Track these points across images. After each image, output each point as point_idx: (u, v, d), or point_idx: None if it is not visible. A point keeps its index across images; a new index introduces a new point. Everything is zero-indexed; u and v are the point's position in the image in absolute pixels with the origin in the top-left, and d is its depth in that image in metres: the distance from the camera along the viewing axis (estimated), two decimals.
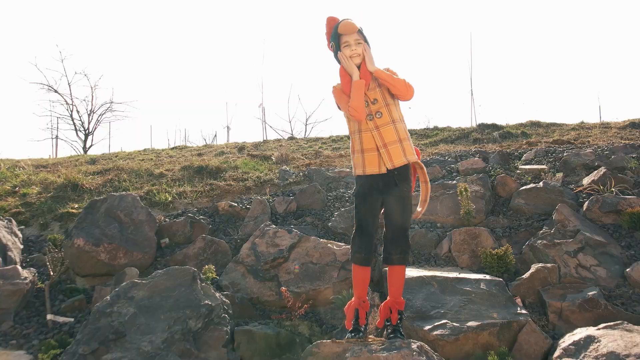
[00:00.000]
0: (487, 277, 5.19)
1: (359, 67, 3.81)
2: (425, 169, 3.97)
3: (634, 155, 7.86)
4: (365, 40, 3.82)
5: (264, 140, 15.15)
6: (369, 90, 3.81)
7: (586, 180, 7.07)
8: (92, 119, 24.54)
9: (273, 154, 10.87)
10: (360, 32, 3.81)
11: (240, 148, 12.89)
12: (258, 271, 5.69)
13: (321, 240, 5.95)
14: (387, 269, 3.95)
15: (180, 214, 7.36)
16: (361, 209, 3.84)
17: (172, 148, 14.95)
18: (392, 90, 3.80)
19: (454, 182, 7.20)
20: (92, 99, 24.73)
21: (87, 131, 24.26)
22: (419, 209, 4.00)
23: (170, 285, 4.86)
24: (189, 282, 4.88)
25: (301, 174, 8.78)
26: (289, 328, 5.06)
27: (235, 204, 7.47)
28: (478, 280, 5.07)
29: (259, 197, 7.54)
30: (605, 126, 12.30)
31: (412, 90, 3.83)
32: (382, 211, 3.88)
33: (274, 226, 6.22)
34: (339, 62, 3.83)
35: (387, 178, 3.75)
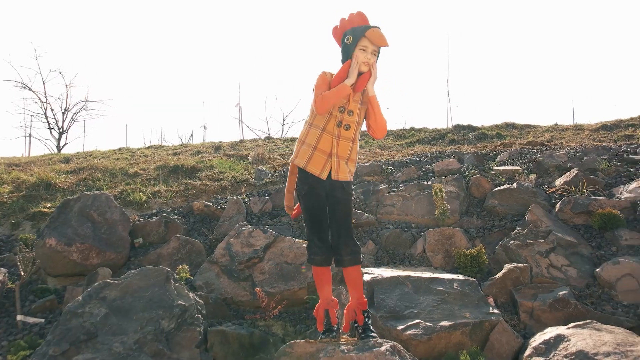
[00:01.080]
0: (461, 277, 5.23)
1: (359, 75, 3.77)
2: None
3: (605, 157, 7.98)
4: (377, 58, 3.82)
5: (240, 140, 15.10)
6: (352, 101, 3.78)
7: (559, 182, 7.16)
8: (66, 117, 24.34)
9: (249, 154, 10.84)
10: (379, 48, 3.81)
11: (217, 148, 12.84)
12: (232, 271, 5.67)
13: (296, 240, 5.94)
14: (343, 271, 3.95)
15: (155, 214, 7.31)
16: (312, 209, 3.81)
17: (148, 147, 14.84)
18: (372, 121, 3.79)
19: (429, 182, 7.24)
20: (67, 97, 24.54)
21: (61, 130, 24.03)
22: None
23: (144, 286, 4.82)
24: (163, 282, 4.84)
25: (277, 173, 8.77)
26: (262, 328, 5.05)
27: (211, 204, 7.44)
28: (451, 280, 5.10)
29: (234, 197, 7.51)
30: (578, 128, 12.46)
31: (386, 132, 3.87)
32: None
33: (249, 226, 6.20)
34: (345, 56, 3.77)
35: (331, 183, 3.75)
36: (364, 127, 3.95)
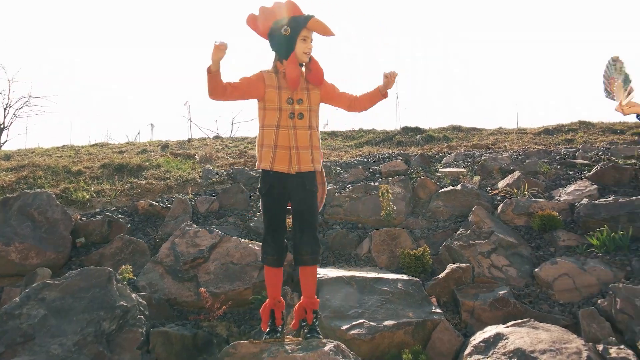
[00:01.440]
0: (405, 277, 5.30)
1: (306, 65, 3.76)
2: (323, 171, 4.02)
3: (546, 160, 8.21)
4: None
5: (188, 139, 14.94)
6: (299, 90, 3.77)
7: (502, 184, 7.33)
8: (8, 113, 23.60)
9: (197, 153, 10.74)
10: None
11: (164, 146, 12.68)
12: (177, 271, 5.61)
13: (242, 240, 5.92)
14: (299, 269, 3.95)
15: (98, 213, 7.16)
16: (271, 209, 3.80)
17: (93, 145, 14.53)
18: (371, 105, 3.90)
19: (376, 183, 7.32)
20: (9, 92, 23.80)
21: (2, 126, 23.28)
22: None
23: (84, 286, 4.72)
24: (104, 283, 4.75)
25: (225, 173, 8.71)
26: (206, 329, 5.01)
27: (156, 203, 7.34)
28: (396, 280, 5.17)
29: (180, 197, 7.43)
30: (521, 132, 12.79)
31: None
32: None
33: (195, 226, 6.15)
34: (285, 48, 3.70)
35: (295, 179, 3.75)
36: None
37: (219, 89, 3.61)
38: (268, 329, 3.92)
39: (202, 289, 5.17)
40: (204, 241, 5.85)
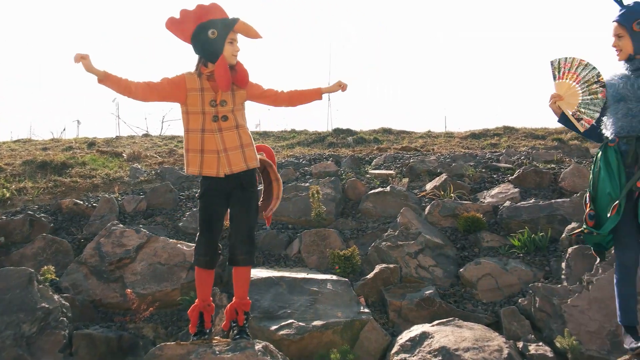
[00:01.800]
0: (334, 277, 5.35)
1: (232, 67, 3.72)
2: (275, 166, 4.02)
3: (472, 164, 8.45)
4: None
5: (116, 137, 14.54)
6: (221, 93, 3.74)
7: (429, 186, 7.50)
8: None
9: (125, 151, 10.49)
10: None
11: (91, 144, 12.31)
12: (102, 272, 5.47)
13: (171, 240, 5.83)
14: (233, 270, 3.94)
15: (19, 212, 6.89)
16: (206, 211, 3.78)
17: (15, 141, 13.95)
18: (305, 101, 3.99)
19: (307, 184, 7.35)
20: None
21: None
22: (271, 207, 4.04)
23: (3, 287, 4.54)
24: (25, 284, 4.59)
25: (153, 172, 8.55)
26: (132, 331, 4.92)
27: (81, 202, 7.13)
28: (325, 281, 5.21)
29: (106, 195, 7.25)
30: (449, 136, 13.09)
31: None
32: (228, 213, 3.87)
33: (122, 225, 6.01)
34: (211, 51, 3.66)
35: (232, 181, 3.74)
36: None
37: (121, 91, 3.58)
38: (196, 331, 3.88)
39: (129, 289, 5.07)
40: (130, 241, 5.72)
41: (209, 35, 3.63)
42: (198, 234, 3.82)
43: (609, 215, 3.61)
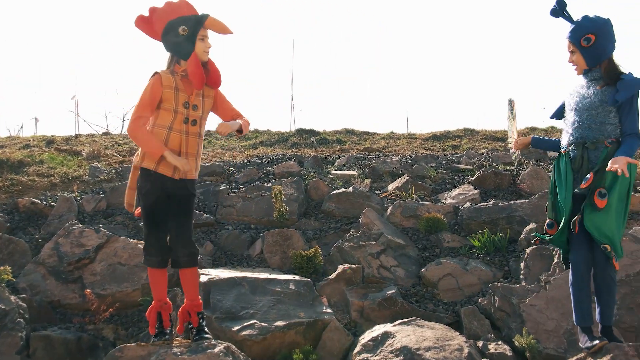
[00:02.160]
0: (297, 277, 5.34)
1: (204, 65, 3.71)
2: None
3: (433, 165, 8.55)
4: None
5: (76, 135, 14.28)
6: (194, 95, 3.74)
7: (391, 187, 7.56)
8: None
9: (84, 150, 10.30)
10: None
11: (49, 142, 12.06)
12: (61, 272, 5.37)
13: (131, 240, 5.75)
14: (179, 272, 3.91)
15: None
16: (151, 209, 3.72)
17: None
18: (245, 132, 3.88)
19: (270, 184, 7.33)
20: None
21: None
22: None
23: None
24: None
25: (114, 171, 8.42)
26: (92, 332, 4.84)
27: (39, 201, 6.98)
28: (288, 281, 5.20)
29: (65, 194, 7.11)
30: (411, 137, 13.22)
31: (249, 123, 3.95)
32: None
33: (81, 225, 5.91)
34: (183, 49, 3.64)
35: (176, 181, 3.71)
36: None
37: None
38: (156, 332, 3.85)
39: (88, 290, 4.98)
40: (90, 241, 5.63)
41: (180, 33, 3.61)
42: (145, 233, 3.78)
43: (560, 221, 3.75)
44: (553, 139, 4.13)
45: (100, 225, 6.28)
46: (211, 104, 3.84)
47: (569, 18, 3.83)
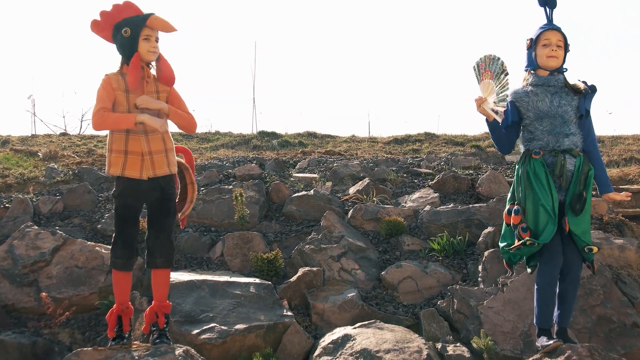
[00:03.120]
0: (257, 280, 5.32)
1: (149, 65, 3.72)
2: (191, 170, 4.00)
3: (394, 169, 8.63)
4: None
5: (32, 135, 13.98)
6: (146, 93, 3.71)
7: (352, 190, 7.60)
8: None
9: (40, 150, 10.09)
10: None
11: (4, 142, 11.80)
12: (15, 276, 5.24)
13: (89, 242, 5.65)
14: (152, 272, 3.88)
15: None
16: (123, 212, 3.71)
17: None
18: (180, 126, 3.78)
19: (231, 187, 7.29)
20: None
21: None
22: (184, 209, 4.03)
23: None
24: None
25: (71, 172, 8.26)
26: (47, 337, 4.74)
27: None
28: (248, 284, 5.17)
29: (20, 196, 6.95)
30: (373, 141, 13.32)
31: (196, 125, 3.87)
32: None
33: (36, 227, 5.78)
34: (127, 50, 3.63)
35: (151, 182, 3.69)
36: None
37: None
38: (114, 336, 3.79)
39: (44, 294, 4.88)
40: (46, 243, 5.51)
41: (122, 34, 3.62)
42: (115, 235, 3.74)
43: (543, 226, 3.72)
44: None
45: (57, 228, 6.15)
46: (166, 99, 3.81)
47: (551, 15, 3.91)
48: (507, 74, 3.92)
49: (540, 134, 3.84)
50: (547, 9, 3.92)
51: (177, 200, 4.08)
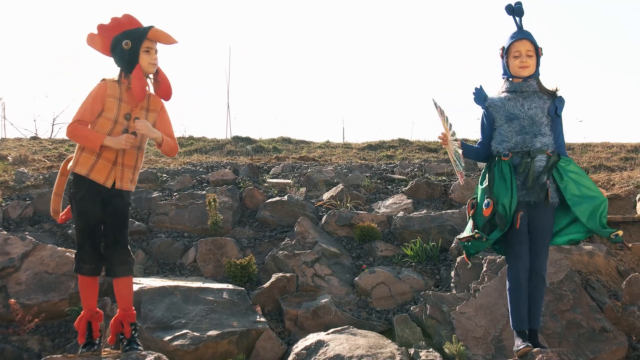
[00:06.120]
0: (230, 286, 5.30)
1: (155, 78, 3.78)
2: None
3: (367, 175, 8.66)
4: None
5: (2, 139, 13.75)
6: (138, 108, 3.75)
7: (326, 196, 7.60)
8: None
9: (10, 154, 9.93)
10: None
11: None
12: None
13: (59, 248, 5.57)
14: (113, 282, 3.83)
15: None
16: (88, 217, 3.67)
17: None
18: (164, 151, 3.83)
19: (204, 192, 7.25)
20: None
21: None
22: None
23: None
24: None
25: (42, 177, 8.14)
26: (16, 343, 4.66)
27: None
28: (221, 290, 5.15)
29: None
30: (347, 146, 13.35)
31: (177, 151, 3.95)
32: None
33: (5, 232, 5.68)
34: (128, 62, 3.65)
35: (110, 192, 3.68)
36: None
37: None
38: (84, 342, 3.74)
39: (12, 300, 4.80)
40: (15, 249, 5.42)
41: (123, 47, 3.65)
42: (79, 240, 3.71)
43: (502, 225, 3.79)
44: (475, 147, 4.18)
45: (27, 233, 6.06)
46: (155, 119, 3.83)
47: (520, 23, 3.97)
48: (456, 139, 4.09)
49: (509, 136, 3.91)
50: (516, 17, 3.99)
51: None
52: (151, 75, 3.78)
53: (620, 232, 3.78)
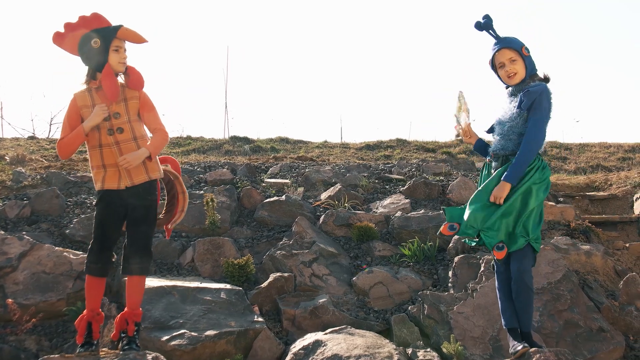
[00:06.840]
0: (228, 286, 5.30)
1: (117, 75, 3.73)
2: (181, 178, 4.01)
3: (365, 174, 8.66)
4: None
5: None
6: (116, 102, 3.73)
7: (324, 195, 7.60)
8: None
9: (7, 154, 9.91)
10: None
11: None
12: None
13: (57, 248, 5.57)
14: (126, 279, 3.85)
15: None
16: (102, 219, 3.72)
17: None
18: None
19: (202, 192, 7.25)
20: None
21: None
22: (175, 219, 4.06)
23: None
24: None
25: (39, 177, 8.13)
26: (13, 343, 4.65)
27: None
28: (219, 290, 5.15)
29: None
30: (345, 146, 13.35)
31: (167, 139, 3.93)
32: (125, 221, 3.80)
33: (3, 232, 5.67)
34: (97, 61, 3.64)
35: (129, 191, 3.69)
36: None
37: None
38: (83, 342, 3.74)
39: (10, 300, 4.79)
40: (12, 249, 5.41)
41: (92, 45, 3.64)
42: (92, 240, 3.74)
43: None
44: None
45: (24, 233, 6.05)
46: (137, 106, 3.81)
47: (495, 34, 3.94)
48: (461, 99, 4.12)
49: (495, 139, 3.96)
50: (489, 31, 3.96)
51: (164, 211, 4.09)
52: (121, 74, 3.78)
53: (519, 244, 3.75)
